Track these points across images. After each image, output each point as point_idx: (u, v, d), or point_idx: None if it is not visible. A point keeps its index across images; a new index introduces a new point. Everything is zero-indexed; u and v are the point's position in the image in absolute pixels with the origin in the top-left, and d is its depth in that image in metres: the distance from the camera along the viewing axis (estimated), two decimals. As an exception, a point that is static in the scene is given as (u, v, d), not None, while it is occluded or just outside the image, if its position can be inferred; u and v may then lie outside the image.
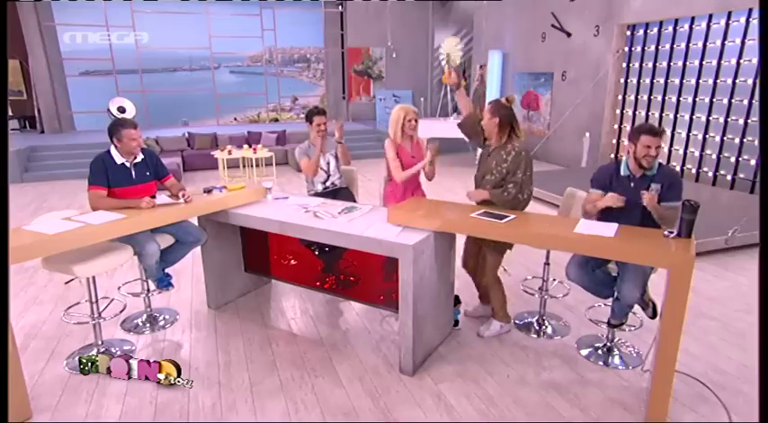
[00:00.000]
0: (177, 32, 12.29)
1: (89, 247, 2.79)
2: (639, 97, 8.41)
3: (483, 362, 2.97)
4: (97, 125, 10.32)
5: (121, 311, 3.34)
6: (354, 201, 3.91)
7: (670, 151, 7.93)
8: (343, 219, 3.10)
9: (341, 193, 3.90)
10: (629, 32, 8.45)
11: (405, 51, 13.65)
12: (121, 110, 9.05)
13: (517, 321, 3.44)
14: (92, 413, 2.52)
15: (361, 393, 2.68)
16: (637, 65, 8.39)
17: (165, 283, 3.34)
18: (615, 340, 3.05)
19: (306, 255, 3.56)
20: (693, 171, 7.54)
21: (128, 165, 3.12)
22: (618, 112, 8.79)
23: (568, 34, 9.28)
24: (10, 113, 11.92)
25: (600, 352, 3.04)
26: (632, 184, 2.69)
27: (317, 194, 3.85)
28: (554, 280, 3.50)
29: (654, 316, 2.90)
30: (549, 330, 3.33)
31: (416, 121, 3.43)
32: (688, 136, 7.64)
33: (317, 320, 3.52)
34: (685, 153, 7.69)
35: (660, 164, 2.70)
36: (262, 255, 3.75)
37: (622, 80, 8.66)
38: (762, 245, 2.45)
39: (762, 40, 5.44)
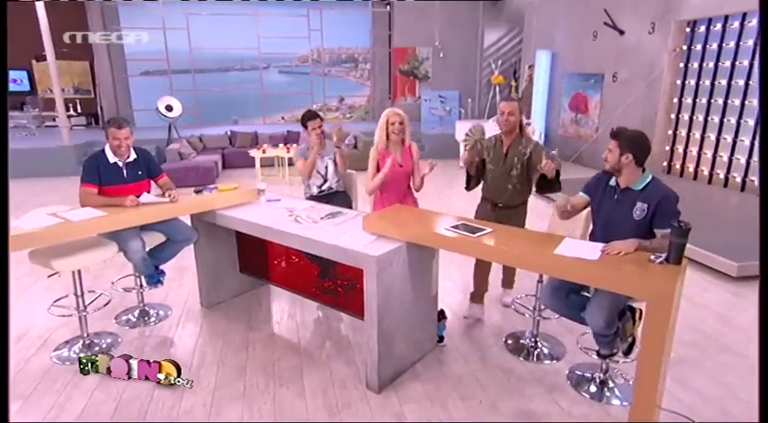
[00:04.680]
0: (229, 34, 12.73)
1: (76, 241, 2.88)
2: (698, 100, 7.68)
3: (458, 384, 2.77)
4: (156, 122, 10.92)
5: (105, 305, 3.43)
6: (350, 205, 3.82)
7: (731, 160, 7.17)
8: (325, 224, 3.01)
9: (336, 196, 3.81)
10: (688, 29, 7.74)
11: (453, 51, 13.34)
12: (168, 108, 9.50)
13: (509, 341, 3.21)
14: (58, 405, 2.59)
15: (321, 407, 2.57)
16: (696, 65, 7.67)
17: (154, 279, 3.40)
18: (609, 372, 2.74)
19: (301, 259, 3.49)
20: (756, 183, 6.77)
21: (120, 164, 3.20)
22: (672, 116, 8.08)
23: (621, 32, 8.66)
24: (78, 110, 12.89)
25: (593, 384, 2.75)
26: (615, 197, 2.41)
27: (312, 197, 3.78)
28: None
29: (627, 353, 2.57)
30: (546, 352, 3.07)
31: (402, 123, 3.27)
32: (752, 143, 6.87)
33: (301, 326, 3.46)
34: (748, 162, 6.92)
35: (653, 179, 2.35)
36: (256, 256, 3.73)
37: (679, 82, 7.95)
38: (762, 255, 2.12)
39: (762, 40, 4.90)
